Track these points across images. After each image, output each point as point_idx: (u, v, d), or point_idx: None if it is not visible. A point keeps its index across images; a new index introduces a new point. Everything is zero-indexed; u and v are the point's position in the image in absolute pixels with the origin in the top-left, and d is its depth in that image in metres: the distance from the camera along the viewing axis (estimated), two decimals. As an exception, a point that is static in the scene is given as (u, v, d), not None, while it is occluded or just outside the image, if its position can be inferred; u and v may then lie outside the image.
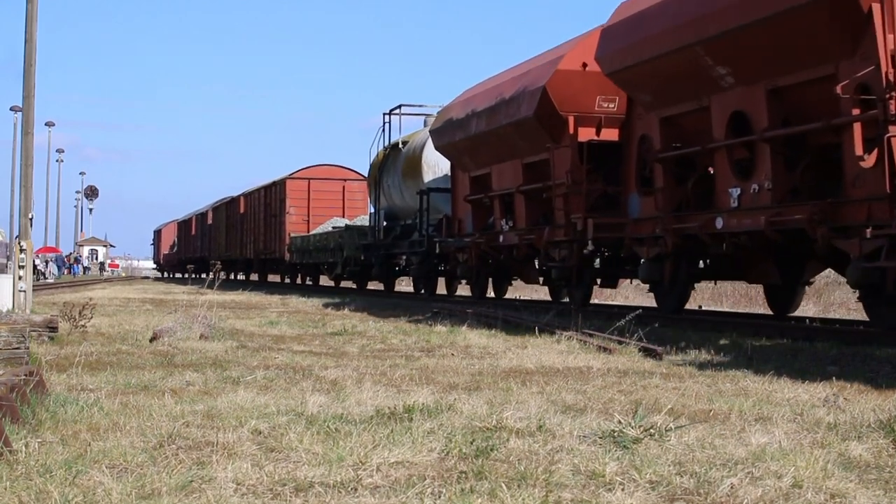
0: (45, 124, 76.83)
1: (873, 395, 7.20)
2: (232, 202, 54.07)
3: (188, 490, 4.16)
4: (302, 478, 4.39)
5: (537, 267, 21.45)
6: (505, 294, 25.61)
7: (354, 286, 36.31)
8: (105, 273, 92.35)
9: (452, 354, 10.20)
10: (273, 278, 51.61)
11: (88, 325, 12.79)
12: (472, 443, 5.08)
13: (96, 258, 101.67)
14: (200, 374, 8.18)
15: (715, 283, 22.00)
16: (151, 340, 11.19)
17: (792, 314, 16.28)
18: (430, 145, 25.65)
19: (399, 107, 29.87)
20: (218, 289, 17.86)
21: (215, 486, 4.23)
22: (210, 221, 61.83)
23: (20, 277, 16.17)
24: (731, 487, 4.26)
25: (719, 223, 13.74)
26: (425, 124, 28.45)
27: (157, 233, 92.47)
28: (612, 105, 17.74)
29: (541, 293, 30.46)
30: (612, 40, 15.95)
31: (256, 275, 53.06)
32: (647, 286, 17.46)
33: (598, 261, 18.76)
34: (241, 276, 58.52)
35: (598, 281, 19.37)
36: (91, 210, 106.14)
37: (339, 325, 14.50)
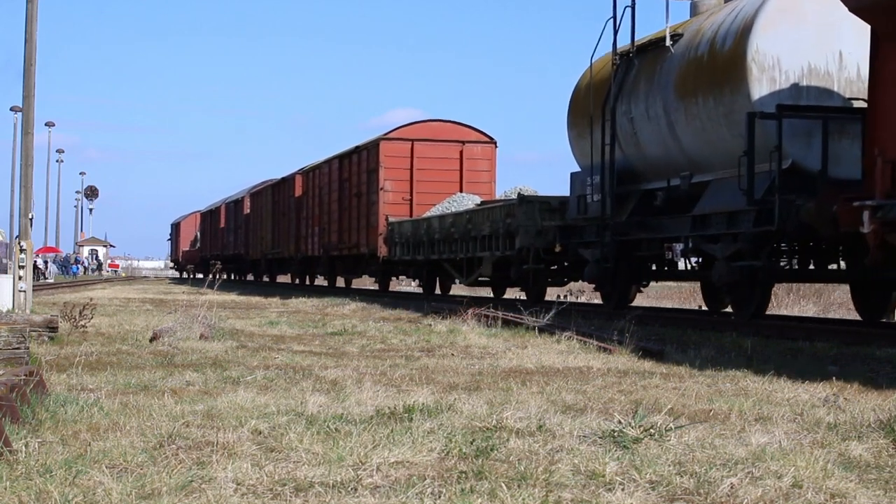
0: (45, 124, 77.04)
1: (873, 395, 7.21)
2: (282, 184, 41.90)
3: (188, 490, 4.16)
4: (302, 478, 4.39)
5: None
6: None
7: (519, 297, 22.14)
8: (105, 273, 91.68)
9: (452, 354, 10.20)
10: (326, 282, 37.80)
11: (88, 325, 12.79)
12: (472, 443, 5.08)
13: (96, 258, 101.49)
14: (200, 374, 8.18)
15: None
16: (151, 340, 11.20)
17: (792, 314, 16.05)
18: (761, 29, 13.95)
19: None
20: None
21: (215, 486, 4.23)
22: (247, 210, 49.25)
23: (20, 277, 16.19)
24: (731, 487, 4.27)
25: None
26: (694, 12, 16.63)
27: (175, 226, 79.71)
28: None
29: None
30: None
31: (309, 277, 40.15)
32: None
33: None
34: (284, 279, 45.92)
35: None
36: (91, 210, 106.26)
37: (339, 325, 14.51)
